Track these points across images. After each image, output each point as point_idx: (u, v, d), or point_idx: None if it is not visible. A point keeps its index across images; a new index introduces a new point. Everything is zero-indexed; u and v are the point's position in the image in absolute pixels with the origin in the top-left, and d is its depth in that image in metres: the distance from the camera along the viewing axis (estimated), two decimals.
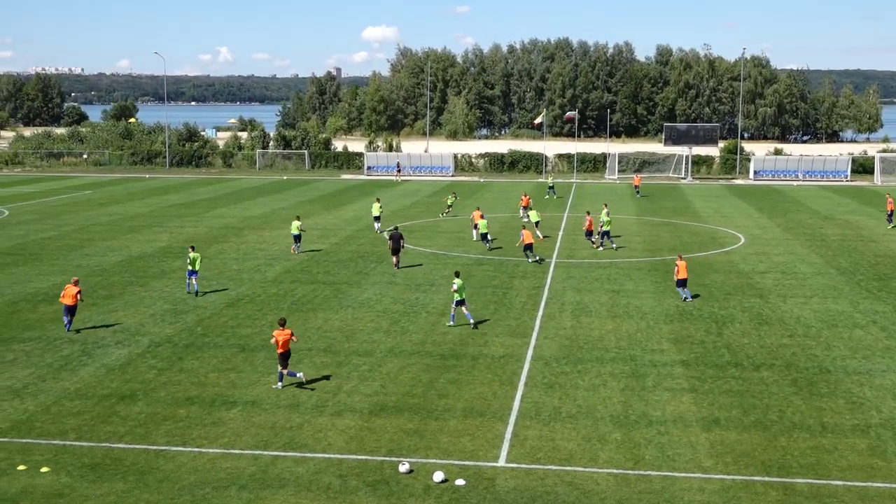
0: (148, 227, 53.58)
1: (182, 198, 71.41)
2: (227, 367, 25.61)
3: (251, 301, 33.98)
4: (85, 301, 33.44)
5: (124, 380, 24.51)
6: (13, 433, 20.59)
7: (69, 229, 52.95)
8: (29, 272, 39.70)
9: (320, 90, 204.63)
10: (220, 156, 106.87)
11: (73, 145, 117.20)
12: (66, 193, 75.28)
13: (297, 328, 29.81)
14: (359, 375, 24.87)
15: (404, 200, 69.55)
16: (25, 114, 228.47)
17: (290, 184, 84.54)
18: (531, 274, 39.24)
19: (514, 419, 21.60)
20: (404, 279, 38.05)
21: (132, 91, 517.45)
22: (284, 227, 52.66)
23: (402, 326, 30.22)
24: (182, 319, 31.14)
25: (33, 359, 26.45)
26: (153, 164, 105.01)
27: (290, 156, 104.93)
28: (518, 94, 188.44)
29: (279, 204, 66.11)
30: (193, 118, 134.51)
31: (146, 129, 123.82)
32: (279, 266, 41.11)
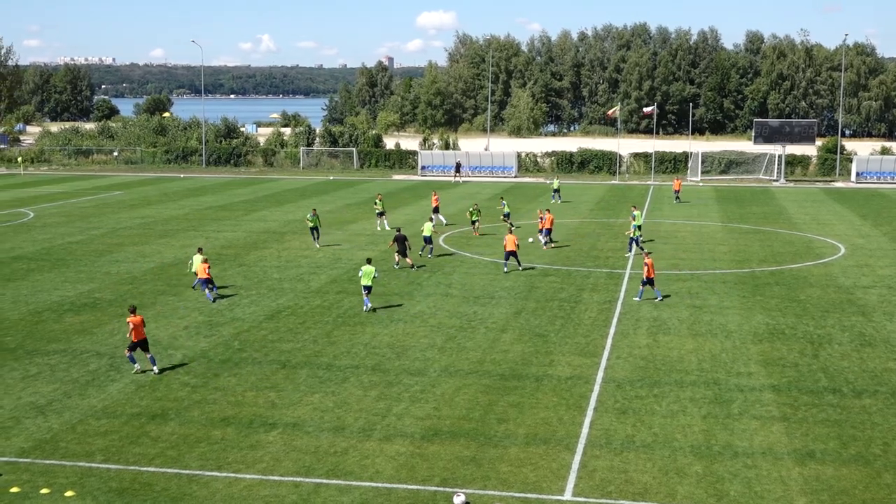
0: (182, 232, 54.46)
1: (219, 199, 72.46)
2: (266, 386, 25.91)
3: (293, 313, 34.34)
4: (116, 308, 34.14)
5: (155, 397, 24.94)
6: (36, 453, 21.08)
7: (98, 233, 54.05)
8: (54, 279, 40.62)
9: (371, 82, 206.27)
10: (261, 154, 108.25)
11: (103, 142, 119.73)
12: (95, 194, 76.89)
13: (344, 343, 30.07)
14: (410, 396, 24.98)
15: (461, 204, 69.66)
16: (53, 108, 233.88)
17: (336, 185, 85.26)
18: (602, 286, 39.06)
19: (582, 448, 21.50)
20: (461, 291, 38.13)
21: (166, 83, 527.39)
22: (330, 231, 53.16)
23: (458, 343, 30.28)
24: (218, 332, 31.59)
25: (58, 373, 27.05)
26: (188, 163, 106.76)
27: (336, 154, 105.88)
28: (589, 87, 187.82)
29: (324, 207, 66.69)
30: (232, 113, 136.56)
31: (181, 124, 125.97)
32: (324, 275, 41.48)
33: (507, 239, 41.80)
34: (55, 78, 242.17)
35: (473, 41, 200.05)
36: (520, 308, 35.15)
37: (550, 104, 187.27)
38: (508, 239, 41.77)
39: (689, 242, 50.96)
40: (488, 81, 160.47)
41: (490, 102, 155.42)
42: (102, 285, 39.35)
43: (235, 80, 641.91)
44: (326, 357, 28.66)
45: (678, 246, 49.69)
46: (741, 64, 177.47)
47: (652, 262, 36.50)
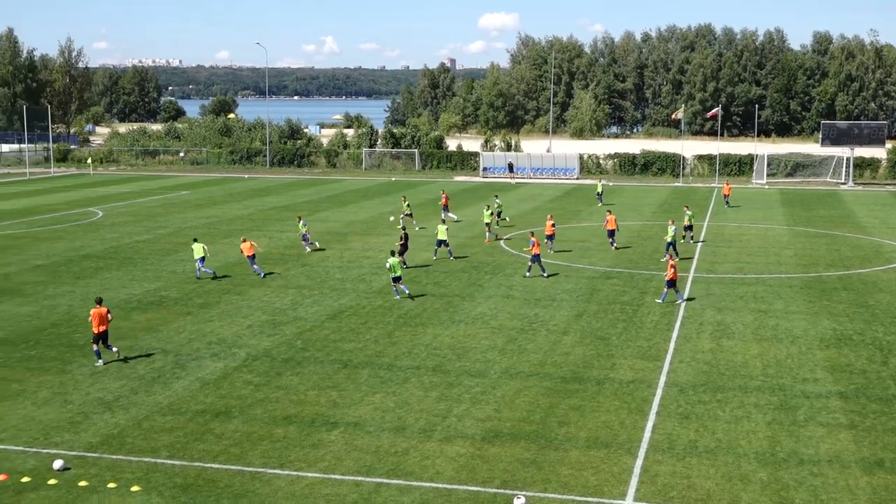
0: (246, 231, 55.05)
1: (283, 200, 73.18)
2: (327, 385, 26.10)
3: (355, 314, 34.54)
4: (182, 306, 34.69)
5: (219, 395, 25.26)
6: (104, 448, 21.46)
7: (164, 232, 54.91)
8: (122, 277, 41.34)
9: (433, 83, 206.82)
10: (324, 155, 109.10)
11: (170, 142, 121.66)
12: (162, 194, 78.13)
13: (405, 344, 30.17)
14: (471, 398, 24.98)
15: (523, 205, 69.55)
16: (121, 109, 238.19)
17: (398, 186, 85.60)
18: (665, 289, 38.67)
19: (644, 452, 21.32)
20: (522, 293, 38.05)
21: (232, 85, 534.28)
22: (392, 232, 53.36)
23: (519, 345, 30.22)
24: (281, 332, 31.90)
25: (125, 370, 27.53)
26: (252, 164, 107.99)
27: (398, 155, 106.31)
28: (653, 88, 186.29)
29: (386, 208, 66.99)
30: (296, 114, 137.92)
31: (246, 125, 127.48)
32: (385, 276, 41.63)
33: (535, 242, 41.57)
34: (123, 80, 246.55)
35: (536, 42, 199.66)
36: (581, 310, 34.96)
37: (613, 106, 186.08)
38: (536, 242, 41.59)
39: (754, 246, 50.25)
40: (550, 83, 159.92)
41: (552, 104, 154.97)
42: (168, 284, 39.96)
43: (299, 82, 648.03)
44: (388, 357, 28.79)
45: (742, 249, 49.04)
46: (808, 65, 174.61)
47: (676, 264, 36.51)
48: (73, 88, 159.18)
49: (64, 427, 22.80)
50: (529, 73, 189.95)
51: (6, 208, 67.46)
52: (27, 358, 28.75)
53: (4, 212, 65.52)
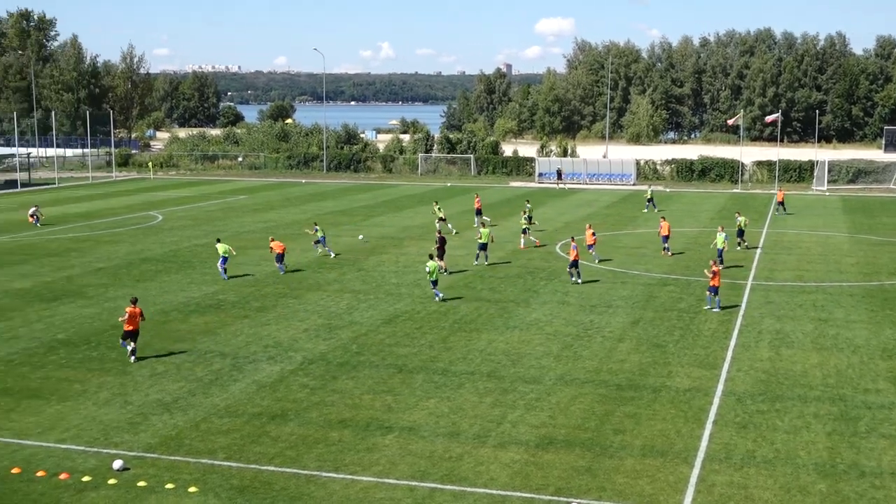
0: (304, 236, 55.46)
1: (339, 205, 73.64)
2: (382, 389, 26.19)
3: (410, 318, 34.63)
4: (240, 309, 35.07)
5: (275, 398, 25.47)
6: (162, 449, 21.75)
7: (222, 236, 55.42)
8: (181, 280, 41.89)
9: (489, 89, 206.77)
10: (380, 160, 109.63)
11: (228, 147, 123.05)
12: (220, 198, 79.06)
13: (459, 349, 30.18)
14: (525, 404, 24.92)
15: (579, 211, 69.25)
16: (181, 114, 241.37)
17: (454, 191, 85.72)
18: (723, 296, 38.24)
19: (701, 462, 21.09)
20: (578, 299, 37.88)
21: (289, 90, 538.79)
22: (449, 238, 53.34)
23: (574, 351, 30.08)
24: (336, 336, 32.09)
25: (183, 372, 27.88)
26: (310, 168, 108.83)
27: (454, 160, 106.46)
28: (711, 93, 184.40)
29: (439, 213, 67.00)
30: (353, 119, 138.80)
31: (303, 130, 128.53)
32: (441, 281, 41.68)
33: (574, 249, 41.53)
34: (183, 85, 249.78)
35: (592, 48, 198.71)
36: (637, 317, 34.71)
37: (670, 111, 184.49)
38: (574, 249, 41.56)
39: (814, 253, 49.51)
40: (607, 88, 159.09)
41: (609, 109, 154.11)
42: (226, 287, 40.40)
43: (356, 87, 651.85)
44: (442, 362, 28.82)
45: (802, 257, 48.34)
46: (871, 70, 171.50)
47: (719, 270, 36.15)
48: (135, 94, 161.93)
49: (124, 427, 23.15)
50: (586, 78, 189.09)
51: (70, 212, 68.73)
52: (89, 359, 29.25)
53: (68, 215, 66.76)
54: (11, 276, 42.76)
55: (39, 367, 28.32)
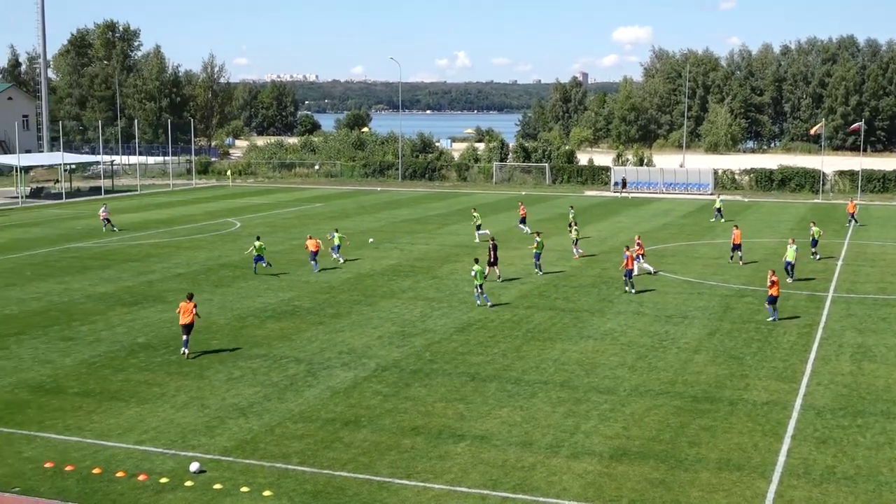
0: (378, 243, 55.84)
1: (414, 213, 73.98)
2: (455, 397, 26.21)
3: (483, 327, 34.62)
4: (315, 315, 35.43)
5: (349, 404, 25.65)
6: (238, 453, 22.05)
7: (298, 243, 56.09)
8: (258, 286, 42.44)
9: (564, 97, 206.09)
10: (455, 168, 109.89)
11: (305, 155, 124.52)
12: (297, 206, 79.98)
13: (533, 358, 30.08)
14: (599, 415, 24.72)
15: (654, 221, 68.56)
16: (259, 123, 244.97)
17: (528, 200, 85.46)
18: (802, 309, 37.54)
19: (779, 476, 20.68)
20: (653, 309, 37.48)
21: (366, 99, 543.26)
22: (522, 246, 53.34)
23: (649, 362, 29.76)
24: (410, 343, 32.21)
25: (259, 377, 28.24)
26: (385, 177, 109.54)
27: (529, 169, 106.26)
28: (791, 102, 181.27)
29: (516, 221, 66.94)
30: (428, 128, 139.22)
31: (379, 139, 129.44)
32: (514, 289, 41.63)
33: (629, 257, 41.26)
34: (262, 94, 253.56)
35: (670, 56, 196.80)
36: (714, 329, 34.22)
37: (749, 120, 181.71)
38: (630, 257, 41.28)
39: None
40: (685, 96, 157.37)
41: (686, 118, 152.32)
42: (302, 294, 40.84)
43: (431, 96, 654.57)
44: (515, 371, 28.75)
45: (886, 269, 47.18)
46: None
47: (778, 280, 35.38)
48: (215, 103, 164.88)
49: (201, 431, 23.52)
50: (663, 86, 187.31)
51: (151, 218, 70.16)
52: (167, 363, 29.79)
53: (149, 221, 68.15)
54: (95, 281, 43.78)
55: (120, 370, 28.93)
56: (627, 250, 41.73)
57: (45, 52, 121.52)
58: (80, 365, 29.53)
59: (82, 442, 22.70)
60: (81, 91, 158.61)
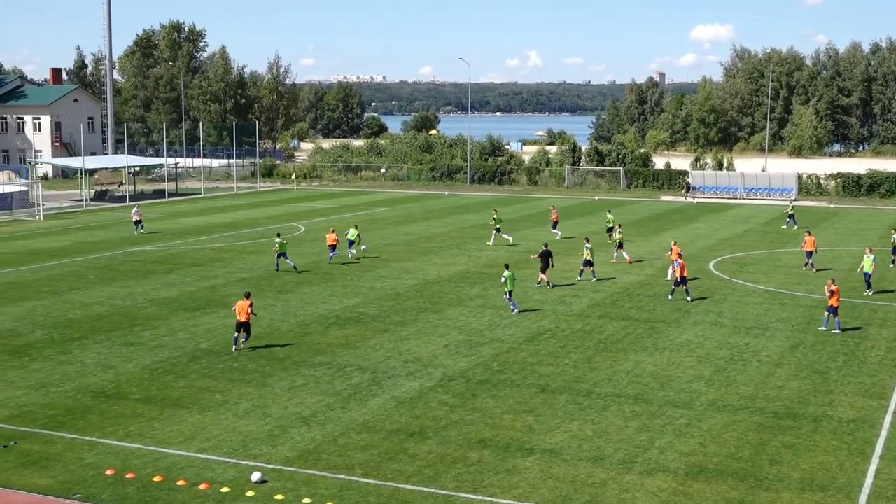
0: (445, 249, 55.96)
1: (482, 218, 73.92)
2: (524, 409, 26.11)
3: (553, 336, 34.47)
4: (380, 323, 35.59)
5: (414, 415, 25.70)
6: (300, 463, 22.22)
7: (363, 248, 56.44)
8: (322, 293, 42.79)
9: (640, 98, 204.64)
10: (525, 172, 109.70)
11: (371, 158, 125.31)
12: (362, 210, 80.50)
13: (605, 370, 29.86)
14: (674, 430, 24.44)
15: (734, 228, 67.63)
16: (325, 125, 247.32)
17: (601, 205, 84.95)
18: (892, 322, 36.71)
19: (866, 498, 20.22)
20: (732, 320, 36.98)
21: (434, 100, 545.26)
22: (597, 252, 52.88)
23: (727, 376, 29.35)
24: (477, 352, 32.19)
25: (322, 385, 28.44)
26: (453, 180, 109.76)
27: (602, 173, 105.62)
28: (882, 103, 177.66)
29: (588, 227, 66.59)
30: (498, 130, 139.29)
31: (447, 141, 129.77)
32: (586, 298, 41.39)
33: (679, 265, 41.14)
34: (328, 96, 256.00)
35: (752, 55, 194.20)
36: (797, 341, 33.63)
37: (836, 122, 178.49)
38: (680, 265, 41.08)
39: None
40: (767, 98, 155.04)
41: (769, 120, 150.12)
42: (367, 300, 41.07)
43: (501, 98, 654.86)
44: (587, 383, 28.56)
45: None
46: None
47: (838, 289, 34.85)
48: (280, 104, 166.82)
49: (262, 440, 23.76)
50: (744, 87, 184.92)
51: (215, 221, 71.18)
52: (230, 370, 30.17)
53: (213, 225, 69.14)
54: (158, 286, 44.54)
55: (182, 377, 29.37)
56: (680, 258, 41.75)
57: (111, 53, 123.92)
58: (143, 371, 30.05)
59: (143, 449, 23.08)
60: (146, 93, 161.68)
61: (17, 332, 35.35)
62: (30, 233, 65.45)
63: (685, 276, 40.94)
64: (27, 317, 37.89)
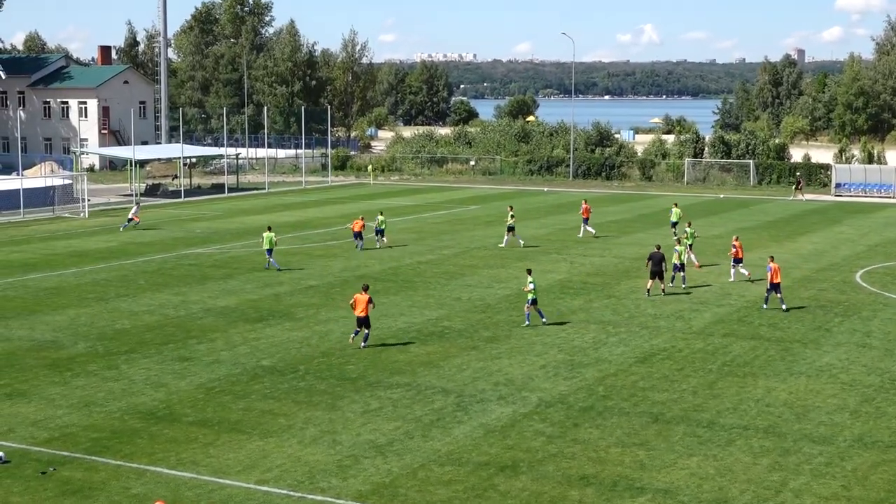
0: (543, 255, 55.84)
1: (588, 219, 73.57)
2: (634, 442, 25.93)
3: (669, 357, 34.18)
4: (467, 339, 35.68)
5: (506, 445, 25.69)
6: (374, 498, 22.38)
7: (449, 253, 56.72)
8: (401, 303, 43.05)
9: (774, 80, 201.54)
10: (638, 165, 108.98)
11: (459, 149, 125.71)
12: (448, 208, 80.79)
13: (730, 397, 29.51)
14: (812, 469, 24.06)
15: (887, 232, 66.23)
16: (406, 110, 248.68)
17: (727, 204, 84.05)
18: None
19: None
20: (882, 341, 36.26)
21: (532, 82, 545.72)
22: (720, 259, 52.37)
23: (876, 406, 28.80)
24: (580, 374, 32.07)
25: (400, 410, 28.60)
26: (553, 175, 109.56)
27: (729, 167, 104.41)
28: None
29: (711, 230, 65.90)
30: (606, 116, 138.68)
31: (547, 129, 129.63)
32: (709, 313, 40.95)
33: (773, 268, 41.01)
34: (410, 77, 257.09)
35: None
36: None
37: None
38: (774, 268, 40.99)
39: None
40: None
41: None
42: (452, 312, 41.20)
43: (611, 79, 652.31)
44: (708, 413, 28.26)
45: None
46: None
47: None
48: (356, 87, 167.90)
49: (332, 471, 23.98)
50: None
51: (280, 221, 72.01)
52: (295, 390, 30.52)
53: (278, 224, 69.84)
54: (215, 293, 45.30)
55: (242, 397, 29.81)
56: (772, 261, 41.58)
57: (166, 29, 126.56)
58: (197, 389, 30.58)
59: (197, 479, 23.47)
60: (205, 74, 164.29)
61: (58, 343, 36.29)
62: (73, 232, 67.14)
63: (778, 282, 40.94)
64: (69, 327, 38.87)
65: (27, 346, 35.97)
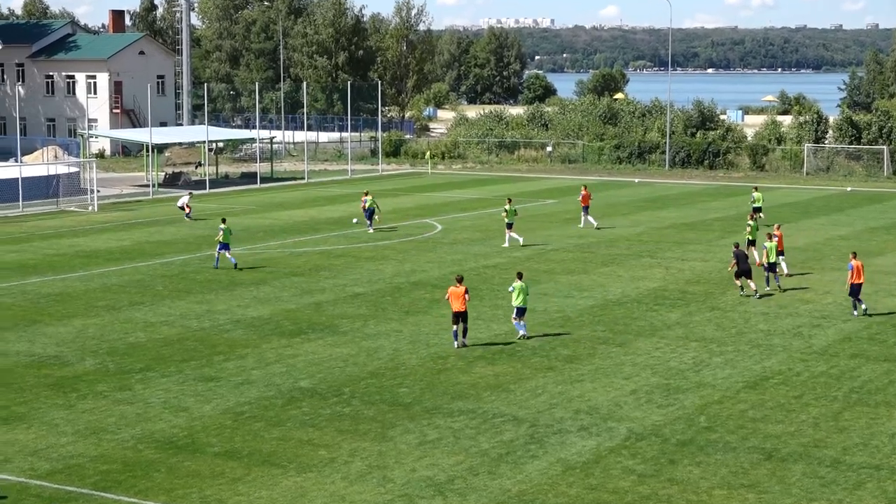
0: (634, 259, 55.58)
1: (684, 215, 73.24)
2: (742, 483, 25.74)
3: (785, 382, 33.89)
4: (541, 358, 35.61)
5: (588, 485, 25.59)
6: None
7: (521, 256, 56.55)
8: None
9: None
10: (748, 152, 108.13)
11: (534, 132, 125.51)
12: (520, 203, 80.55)
13: (858, 431, 29.19)
14: None
15: None
16: (471, 86, 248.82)
17: (853, 199, 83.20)
18: None
19: None
20: None
21: (621, 53, 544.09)
22: (840, 265, 51.77)
23: None
24: (677, 402, 31.88)
25: (463, 441, 28.57)
26: (645, 163, 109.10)
27: (858, 154, 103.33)
28: None
29: (834, 231, 65.30)
30: (709, 94, 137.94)
31: (638, 109, 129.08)
32: (832, 329, 40.54)
33: None
34: (476, 47, 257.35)
35: None
36: None
37: None
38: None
39: None
40: None
41: None
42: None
43: (716, 48, 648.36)
44: (832, 449, 27.98)
45: None
46: None
47: None
48: (412, 59, 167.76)
49: None
50: None
51: (321, 216, 72.34)
52: (339, 416, 30.60)
53: (319, 221, 70.28)
54: (246, 301, 45.56)
55: (276, 425, 29.93)
56: (854, 258, 41.96)
57: None
58: (224, 415, 30.75)
59: None
60: (233, 43, 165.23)
61: (62, 359, 36.67)
62: (80, 228, 67.86)
63: (861, 282, 41.69)
64: (75, 340, 39.27)
65: (26, 362, 36.37)
